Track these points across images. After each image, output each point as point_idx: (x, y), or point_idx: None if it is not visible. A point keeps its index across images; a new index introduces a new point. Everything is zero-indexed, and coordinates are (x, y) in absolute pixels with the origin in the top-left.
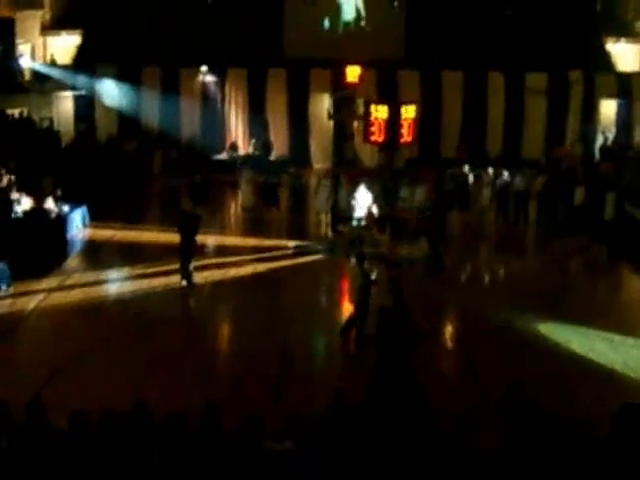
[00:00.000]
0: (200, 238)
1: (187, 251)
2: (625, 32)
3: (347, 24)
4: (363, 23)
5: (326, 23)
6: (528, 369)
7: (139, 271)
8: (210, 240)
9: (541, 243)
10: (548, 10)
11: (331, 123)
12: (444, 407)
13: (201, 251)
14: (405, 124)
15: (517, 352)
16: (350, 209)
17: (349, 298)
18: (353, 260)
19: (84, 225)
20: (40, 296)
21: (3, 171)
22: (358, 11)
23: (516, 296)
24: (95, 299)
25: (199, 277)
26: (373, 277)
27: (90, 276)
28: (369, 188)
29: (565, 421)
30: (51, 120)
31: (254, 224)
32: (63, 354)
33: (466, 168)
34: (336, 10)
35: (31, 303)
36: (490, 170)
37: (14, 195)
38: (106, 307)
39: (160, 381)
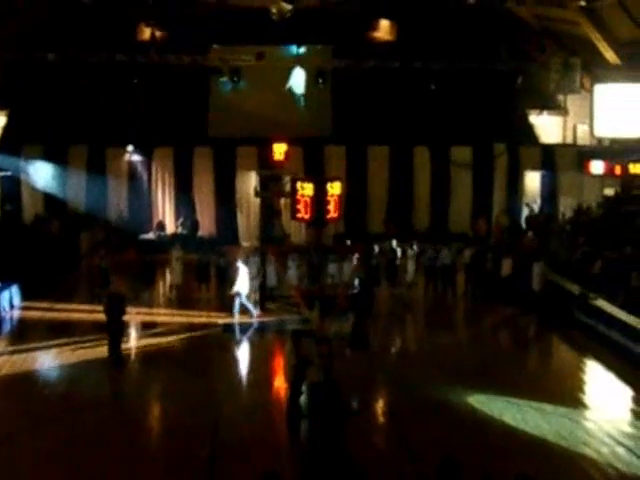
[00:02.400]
0: (131, 317)
1: (115, 331)
2: (547, 105)
3: (272, 101)
4: (289, 100)
5: (252, 100)
6: (461, 442)
7: (68, 352)
8: (141, 318)
9: (470, 315)
10: (471, 84)
11: (258, 201)
12: None
13: (135, 329)
14: (331, 200)
15: (450, 425)
16: (278, 286)
17: (280, 376)
18: (287, 338)
19: (13, 305)
20: None
21: None
22: (283, 88)
23: (447, 369)
24: (23, 381)
25: (129, 356)
26: (310, 357)
27: (18, 357)
28: (297, 265)
29: None
30: None
31: (184, 302)
32: None
33: (394, 243)
34: (261, 87)
35: None
36: (415, 245)
37: None
38: (35, 389)
39: (91, 463)
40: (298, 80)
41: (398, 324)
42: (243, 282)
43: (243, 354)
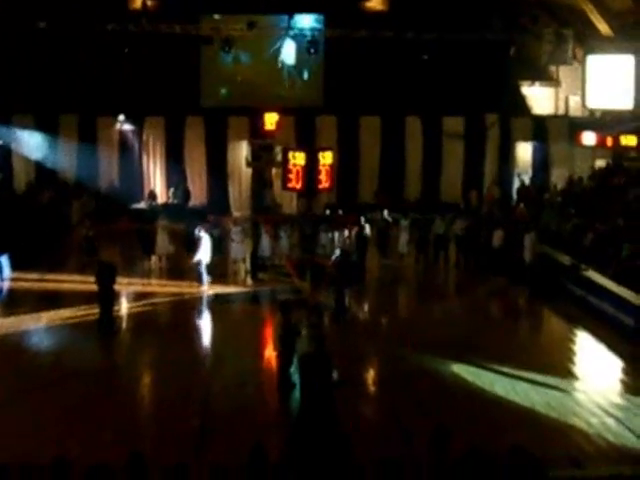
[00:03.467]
0: (121, 286)
1: (106, 300)
2: (539, 76)
3: (264, 71)
4: (280, 70)
5: (243, 70)
6: (451, 412)
7: (58, 321)
8: (131, 288)
9: (462, 286)
10: (464, 55)
11: (250, 170)
12: (368, 453)
13: (126, 299)
14: (323, 170)
15: (440, 396)
16: (270, 256)
17: (271, 346)
18: (276, 308)
19: (3, 276)
20: None
21: None
22: (275, 58)
23: (438, 340)
24: (14, 350)
25: (119, 325)
26: (299, 328)
27: (8, 327)
28: (288, 235)
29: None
30: None
31: (173, 271)
32: None
33: (385, 213)
34: (253, 57)
35: None
36: (408, 215)
37: None
38: (25, 358)
39: (81, 433)
40: (289, 52)
41: (388, 294)
42: (205, 251)
43: (234, 324)
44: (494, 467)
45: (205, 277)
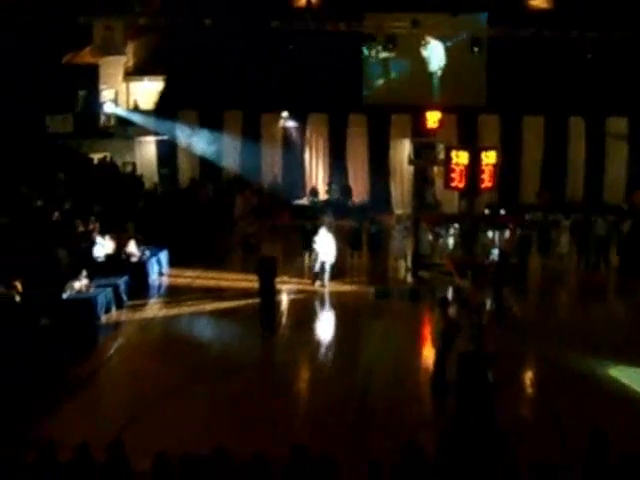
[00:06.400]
0: (282, 281)
1: (267, 295)
2: None
3: (427, 69)
4: (444, 68)
5: (406, 68)
6: (608, 416)
7: (220, 315)
8: (292, 284)
9: (622, 289)
10: (628, 54)
11: (411, 168)
12: (524, 455)
13: (287, 294)
14: (486, 170)
15: (597, 399)
16: (430, 254)
17: (429, 344)
18: (436, 306)
19: (164, 269)
20: (120, 340)
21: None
22: (438, 56)
23: (595, 342)
24: (175, 343)
25: (280, 321)
26: (459, 326)
27: (170, 320)
28: (450, 234)
29: None
30: (134, 165)
31: (336, 268)
32: (143, 397)
33: (547, 214)
34: (416, 55)
35: (110, 346)
36: (570, 216)
37: (97, 238)
38: (186, 351)
39: (239, 425)
40: (436, 54)
41: (548, 296)
42: (330, 250)
43: (394, 321)
44: None
45: (326, 276)
